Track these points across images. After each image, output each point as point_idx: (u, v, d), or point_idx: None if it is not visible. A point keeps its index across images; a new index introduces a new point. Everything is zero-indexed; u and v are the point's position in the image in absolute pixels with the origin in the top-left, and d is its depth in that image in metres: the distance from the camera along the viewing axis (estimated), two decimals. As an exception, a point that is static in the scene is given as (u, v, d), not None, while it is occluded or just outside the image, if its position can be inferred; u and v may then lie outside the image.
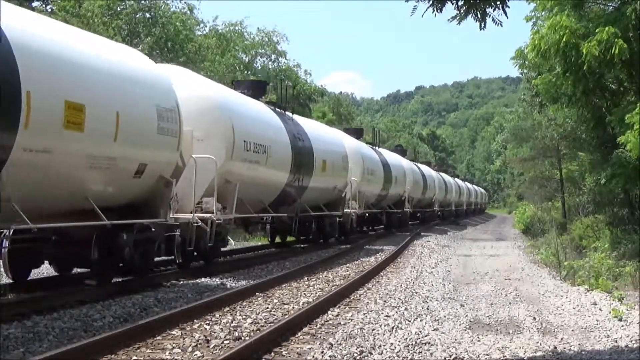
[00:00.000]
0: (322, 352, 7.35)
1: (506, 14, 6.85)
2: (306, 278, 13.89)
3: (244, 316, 9.45)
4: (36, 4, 31.25)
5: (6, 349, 7.29)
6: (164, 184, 11.79)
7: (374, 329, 8.64)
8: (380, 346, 7.67)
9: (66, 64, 9.33)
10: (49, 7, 30.93)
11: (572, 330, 8.90)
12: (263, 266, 15.96)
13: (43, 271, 12.98)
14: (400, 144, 54.75)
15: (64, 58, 9.33)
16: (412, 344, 7.79)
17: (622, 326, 9.08)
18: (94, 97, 9.71)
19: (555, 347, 7.82)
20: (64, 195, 9.74)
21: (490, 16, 6.86)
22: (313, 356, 7.24)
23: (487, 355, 7.44)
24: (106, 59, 10.51)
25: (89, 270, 11.79)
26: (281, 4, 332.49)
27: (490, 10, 6.82)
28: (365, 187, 26.14)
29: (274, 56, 46.87)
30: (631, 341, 8.17)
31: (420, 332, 8.47)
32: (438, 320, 9.39)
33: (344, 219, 23.74)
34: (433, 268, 16.70)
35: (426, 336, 8.24)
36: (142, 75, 11.51)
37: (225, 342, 7.85)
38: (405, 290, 12.50)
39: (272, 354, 7.46)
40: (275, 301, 10.91)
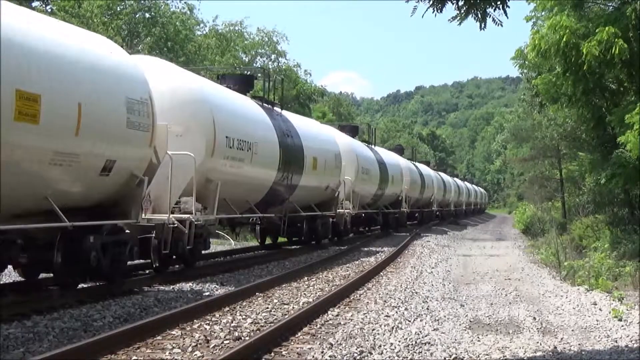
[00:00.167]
0: (322, 352, 7.35)
1: (506, 14, 6.86)
2: (306, 278, 13.89)
3: (244, 316, 9.45)
4: (36, 4, 31.27)
5: (6, 349, 7.28)
6: (136, 182, 10.89)
7: (374, 329, 8.64)
8: (380, 346, 7.67)
9: (18, 49, 8.39)
10: (48, 7, 30.92)
11: (572, 330, 8.90)
12: (263, 266, 15.96)
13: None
14: (400, 144, 54.31)
15: (15, 42, 8.36)
16: (412, 344, 7.79)
17: (622, 326, 9.08)
18: (52, 87, 8.78)
19: (555, 347, 7.82)
20: (19, 195, 8.83)
21: (490, 16, 6.87)
22: (313, 356, 7.24)
23: (487, 355, 7.44)
24: (68, 45, 9.54)
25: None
26: (281, 4, 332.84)
27: (490, 10, 6.83)
28: (359, 186, 25.35)
29: (274, 56, 46.88)
30: (631, 341, 8.17)
31: (420, 332, 8.47)
32: (438, 320, 9.39)
33: (337, 220, 22.95)
34: (433, 268, 16.70)
35: (426, 336, 8.24)
36: (110, 64, 10.48)
37: (225, 342, 7.85)
38: (405, 290, 12.49)
39: (272, 354, 7.46)
40: (275, 301, 10.90)
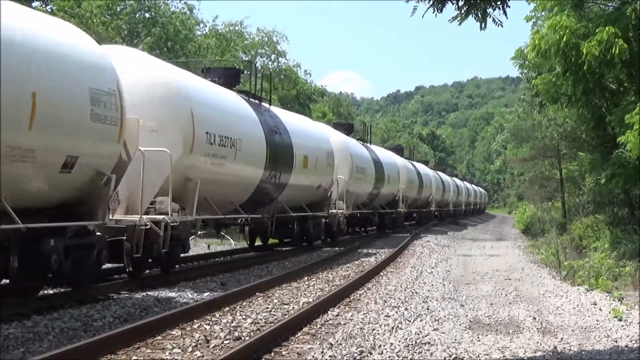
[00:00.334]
0: (322, 352, 7.35)
1: (506, 14, 6.86)
2: (306, 278, 13.89)
3: (244, 316, 9.45)
4: (36, 4, 31.27)
5: (6, 349, 7.29)
6: (103, 180, 10.04)
7: (374, 329, 8.64)
8: (380, 346, 7.67)
9: None
10: (49, 7, 30.93)
11: (572, 330, 8.90)
12: (263, 266, 15.96)
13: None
14: (400, 144, 53.95)
15: None
16: (412, 344, 7.79)
17: (622, 326, 9.08)
18: (1, 73, 8.00)
19: (555, 347, 7.82)
20: None
21: (490, 16, 6.87)
22: (313, 356, 7.24)
23: (487, 355, 7.44)
24: (23, 29, 8.72)
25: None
26: (281, 4, 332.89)
27: (490, 10, 6.83)
28: (354, 186, 24.64)
29: (274, 56, 46.90)
30: (631, 341, 8.17)
31: (420, 332, 8.47)
32: (438, 320, 9.39)
33: (330, 220, 22.11)
34: (433, 268, 16.70)
35: (426, 336, 8.24)
36: (72, 51, 9.59)
37: (225, 342, 7.85)
38: (405, 290, 12.49)
39: (272, 354, 7.46)
40: (275, 301, 10.91)
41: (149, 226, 11.61)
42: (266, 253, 19.30)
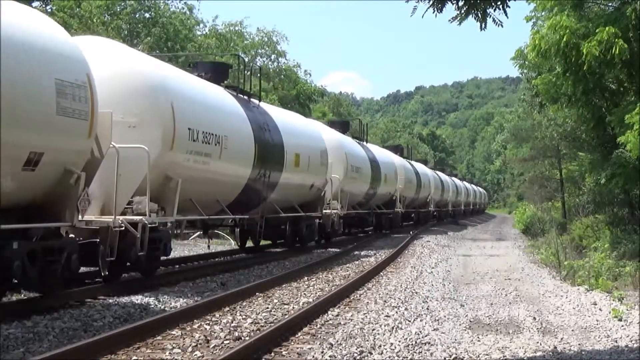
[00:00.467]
0: (322, 352, 7.35)
1: (506, 14, 6.86)
2: (306, 278, 13.89)
3: (244, 316, 9.45)
4: (36, 4, 31.28)
5: (6, 349, 7.28)
6: (71, 179, 9.38)
7: (374, 329, 8.64)
8: (380, 346, 7.67)
9: None
10: (49, 7, 30.94)
11: (572, 330, 8.90)
12: (263, 266, 15.96)
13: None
14: (400, 144, 53.52)
15: None
16: (412, 344, 7.79)
17: (622, 326, 9.08)
18: None
19: (555, 347, 7.82)
20: None
21: (490, 16, 6.87)
22: (313, 356, 7.24)
23: (487, 355, 7.45)
24: None
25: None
26: (281, 4, 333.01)
27: (490, 10, 6.83)
28: (349, 185, 23.97)
29: (273, 56, 46.94)
30: (631, 341, 8.17)
31: (420, 332, 8.47)
32: (438, 320, 9.39)
33: (323, 221, 21.39)
34: (433, 268, 16.70)
35: (426, 336, 8.24)
36: (37, 40, 8.90)
37: (225, 342, 7.85)
38: (405, 290, 12.50)
39: (272, 354, 7.46)
40: (275, 301, 10.91)
41: (124, 227, 10.87)
42: (266, 253, 19.28)
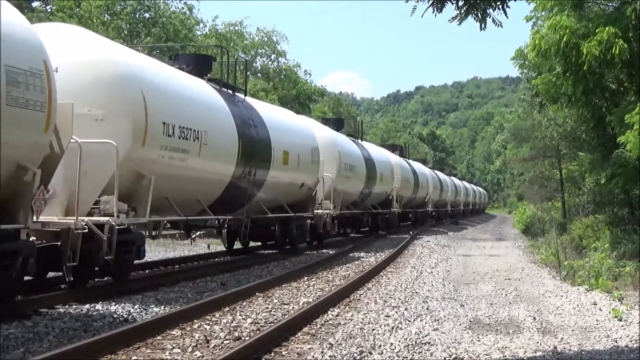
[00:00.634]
0: (322, 352, 7.35)
1: (506, 14, 6.86)
2: (306, 278, 13.89)
3: (244, 316, 9.45)
4: (36, 4, 31.30)
5: (6, 349, 7.28)
6: (26, 176, 8.70)
7: (374, 329, 8.64)
8: (380, 346, 7.67)
9: None
10: (48, 7, 30.95)
11: (572, 330, 8.90)
12: (263, 266, 15.97)
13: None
14: (397, 143, 52.92)
15: None
16: (412, 344, 7.79)
17: (622, 326, 9.09)
18: None
19: (555, 347, 7.82)
20: None
21: (490, 16, 6.87)
22: (313, 356, 7.24)
23: (487, 355, 7.45)
24: None
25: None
26: (281, 4, 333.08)
27: (490, 10, 6.83)
28: (342, 184, 23.20)
29: (273, 56, 46.98)
30: (631, 341, 8.17)
31: (420, 332, 8.47)
32: (438, 320, 9.39)
33: (315, 221, 20.60)
34: (433, 268, 16.70)
35: (426, 336, 8.24)
36: None
37: (225, 342, 7.85)
38: (405, 290, 12.50)
39: (272, 354, 7.46)
40: (275, 301, 10.91)
41: (87, 230, 10.00)
42: (265, 253, 19.26)
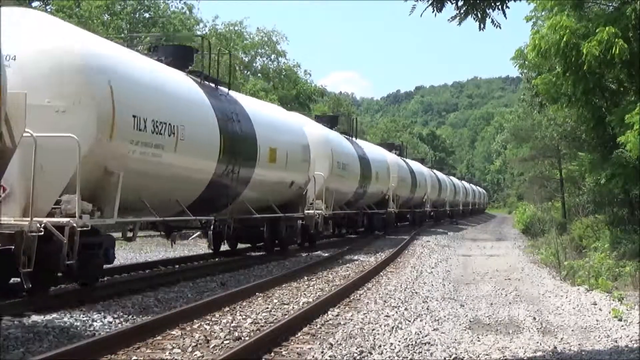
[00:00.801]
0: (322, 352, 7.35)
1: (505, 15, 6.85)
2: (306, 278, 13.89)
3: (244, 316, 9.45)
4: (36, 4, 31.27)
5: (6, 349, 7.28)
6: None
7: (374, 329, 8.64)
8: (380, 346, 7.67)
9: None
10: (48, 7, 30.95)
11: (572, 330, 8.90)
12: (263, 266, 15.96)
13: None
14: (394, 142, 52.32)
15: None
16: (412, 344, 7.79)
17: (622, 326, 9.09)
18: None
19: (555, 347, 7.82)
20: None
21: (489, 17, 6.86)
22: (313, 356, 7.24)
23: (487, 355, 7.45)
24: None
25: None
26: (281, 4, 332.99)
27: (490, 10, 6.82)
28: (335, 183, 22.35)
29: (273, 56, 46.98)
30: (631, 341, 8.17)
31: (420, 332, 8.47)
32: (438, 320, 9.39)
33: (306, 222, 19.85)
34: (433, 268, 16.70)
35: (426, 336, 8.24)
36: None
37: (225, 342, 7.85)
38: (405, 290, 12.50)
39: (272, 354, 7.46)
40: (275, 301, 10.91)
41: (43, 232, 9.06)
42: (265, 253, 19.19)
